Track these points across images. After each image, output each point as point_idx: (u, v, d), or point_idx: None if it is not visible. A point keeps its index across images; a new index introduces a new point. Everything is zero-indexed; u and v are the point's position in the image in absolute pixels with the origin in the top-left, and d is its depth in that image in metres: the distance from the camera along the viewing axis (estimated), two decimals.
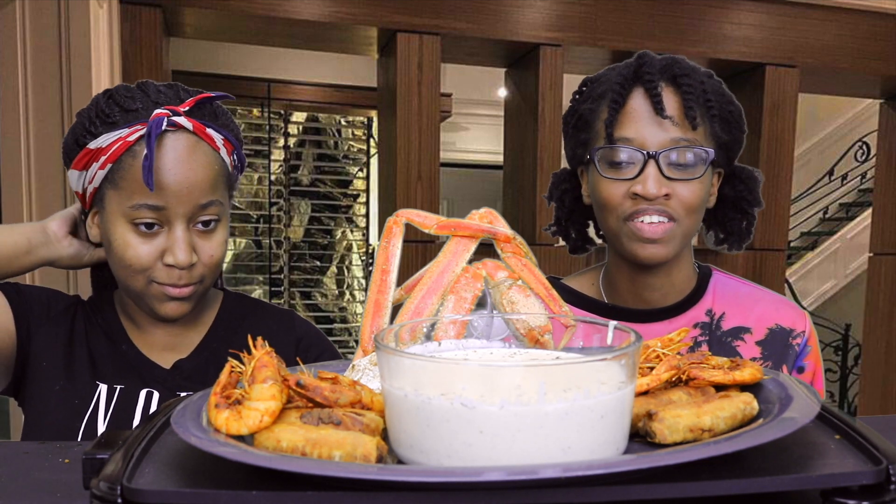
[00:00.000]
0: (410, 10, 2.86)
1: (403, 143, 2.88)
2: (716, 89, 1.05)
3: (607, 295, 1.15)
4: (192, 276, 0.98)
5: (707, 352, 0.62)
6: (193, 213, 0.97)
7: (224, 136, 1.00)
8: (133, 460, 0.48)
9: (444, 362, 0.50)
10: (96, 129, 0.97)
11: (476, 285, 0.67)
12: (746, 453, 0.46)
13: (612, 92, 1.04)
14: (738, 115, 1.07)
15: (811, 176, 6.48)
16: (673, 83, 1.03)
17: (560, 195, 1.19)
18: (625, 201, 1.03)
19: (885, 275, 3.74)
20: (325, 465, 0.45)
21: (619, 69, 1.06)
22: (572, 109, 1.12)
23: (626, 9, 3.09)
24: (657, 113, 1.01)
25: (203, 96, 0.98)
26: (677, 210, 1.02)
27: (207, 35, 3.19)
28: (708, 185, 1.06)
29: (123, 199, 0.95)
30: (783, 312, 1.12)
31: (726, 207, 1.13)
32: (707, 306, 1.12)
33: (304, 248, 5.16)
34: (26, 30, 2.14)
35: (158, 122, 0.92)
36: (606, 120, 1.03)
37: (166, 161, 0.94)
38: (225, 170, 1.01)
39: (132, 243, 0.96)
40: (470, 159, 6.18)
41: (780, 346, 1.10)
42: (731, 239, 1.15)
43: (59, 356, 1.03)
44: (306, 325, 1.15)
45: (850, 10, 3.32)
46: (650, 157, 1.01)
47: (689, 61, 1.07)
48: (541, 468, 0.43)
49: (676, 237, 1.04)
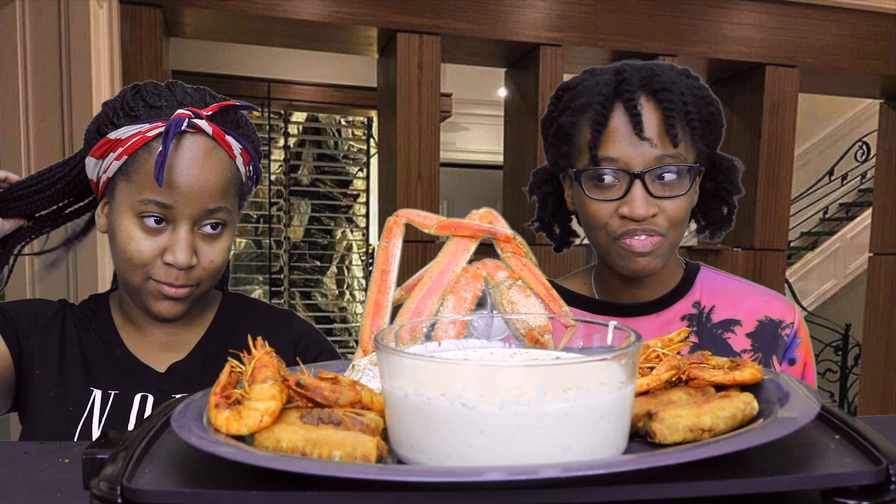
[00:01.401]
0: (410, 10, 2.87)
1: (403, 143, 2.88)
2: (694, 94, 1.04)
3: (599, 294, 1.17)
4: (189, 277, 0.98)
5: (707, 352, 0.62)
6: (200, 215, 0.97)
7: (243, 145, 1.00)
8: (133, 460, 0.48)
9: (444, 362, 0.50)
10: (118, 120, 0.97)
11: (476, 285, 0.67)
12: (746, 453, 0.46)
13: (592, 110, 1.03)
14: (717, 114, 1.07)
15: (811, 176, 6.48)
16: (653, 98, 1.02)
17: (543, 196, 1.21)
18: (612, 220, 1.04)
19: (885, 275, 3.74)
20: (325, 465, 0.45)
21: (599, 81, 1.05)
22: (551, 118, 1.12)
23: (626, 9, 3.09)
24: (637, 133, 1.00)
25: (227, 104, 0.98)
26: (664, 226, 1.04)
27: (207, 35, 3.19)
28: (693, 195, 1.07)
29: (134, 192, 0.96)
30: (772, 305, 1.14)
31: (707, 198, 1.14)
32: (695, 298, 1.14)
33: (304, 248, 5.16)
34: (26, 30, 2.14)
35: (179, 122, 0.93)
36: (590, 142, 1.03)
37: (180, 161, 0.94)
38: (238, 178, 1.00)
39: (135, 237, 0.96)
40: (470, 159, 6.18)
41: (769, 338, 1.12)
42: (713, 227, 1.16)
43: (51, 363, 1.02)
44: (305, 326, 1.15)
45: (850, 10, 3.32)
46: (635, 177, 1.01)
47: (667, 68, 1.05)
48: (541, 468, 0.43)
49: (665, 250, 1.06)
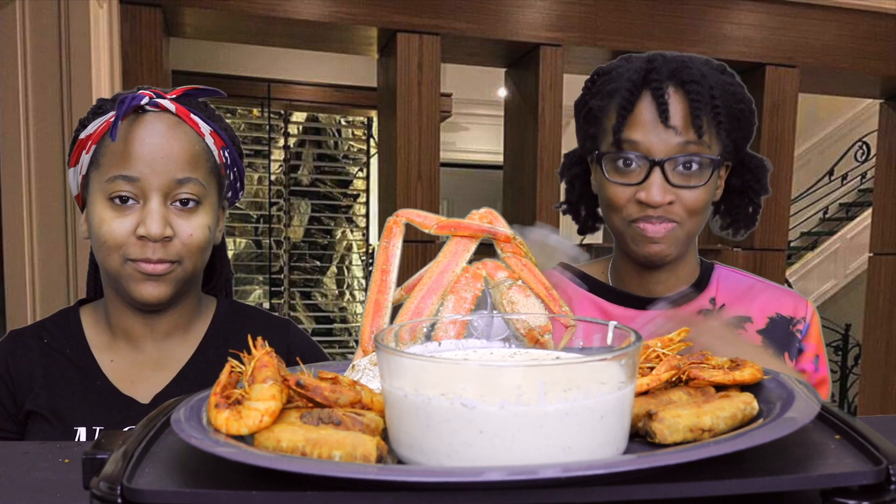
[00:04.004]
0: (410, 10, 2.86)
1: (403, 143, 2.88)
2: (725, 89, 1.05)
3: (615, 282, 1.18)
4: (167, 252, 0.94)
5: (707, 352, 0.62)
6: (169, 186, 0.94)
7: (213, 128, 0.99)
8: (133, 460, 0.48)
9: (444, 362, 0.50)
10: (88, 121, 0.98)
11: (476, 285, 0.66)
12: (746, 453, 0.46)
13: (620, 95, 1.04)
14: (748, 112, 1.08)
15: (811, 176, 6.48)
16: (681, 88, 1.02)
17: (571, 178, 1.21)
18: (629, 205, 1.04)
19: (885, 275, 3.74)
20: (325, 465, 0.45)
21: (631, 68, 1.06)
22: (583, 100, 1.13)
23: (626, 9, 3.09)
24: (662, 121, 1.01)
25: (192, 88, 0.98)
26: (680, 214, 1.04)
27: (207, 35, 3.19)
28: (713, 187, 1.07)
29: (102, 175, 0.94)
30: (783, 301, 1.14)
31: (733, 196, 1.14)
32: (711, 295, 1.15)
33: (304, 248, 5.16)
34: (26, 30, 2.14)
35: (137, 97, 0.92)
36: (615, 125, 1.04)
37: (143, 134, 0.93)
38: (209, 155, 0.98)
39: (106, 219, 0.94)
40: (470, 159, 6.18)
41: (781, 335, 1.12)
42: (736, 225, 1.17)
43: (41, 398, 0.98)
44: (299, 334, 1.11)
45: (850, 10, 3.32)
46: (655, 164, 1.02)
47: (700, 62, 1.06)
48: (541, 468, 0.43)
49: (679, 238, 1.06)
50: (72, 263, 2.15)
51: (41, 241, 2.13)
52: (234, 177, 1.05)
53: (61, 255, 2.15)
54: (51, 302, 2.14)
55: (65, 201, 2.13)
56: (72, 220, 2.13)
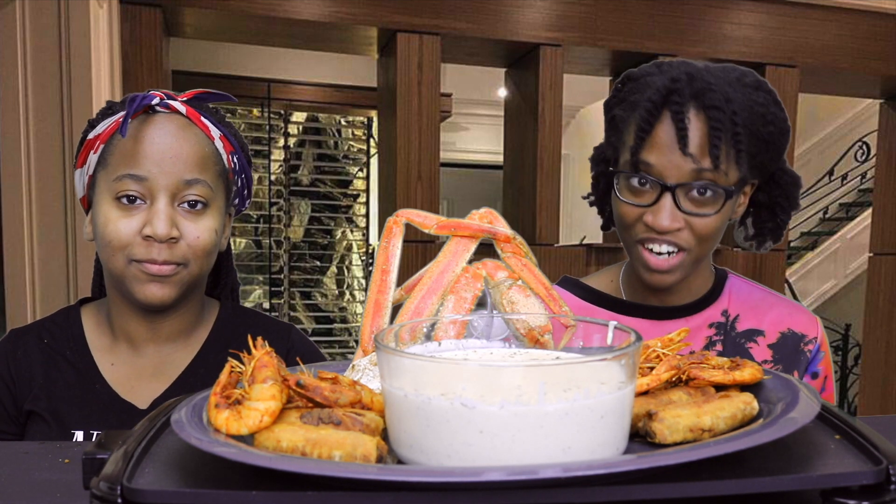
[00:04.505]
0: (410, 10, 2.86)
1: (403, 143, 2.88)
2: (752, 111, 1.00)
3: (627, 293, 1.16)
4: (173, 254, 0.93)
5: (707, 352, 0.62)
6: (177, 188, 0.93)
7: (223, 132, 0.99)
8: (133, 460, 0.48)
9: (444, 362, 0.50)
10: (97, 121, 0.98)
11: (476, 285, 0.66)
12: (746, 453, 0.46)
13: (639, 115, 1.01)
14: (776, 134, 1.03)
15: (811, 176, 6.47)
16: (703, 112, 0.98)
17: (597, 174, 1.18)
18: (637, 224, 1.03)
19: (885, 275, 3.74)
20: (325, 465, 0.45)
21: (656, 83, 1.01)
22: (610, 104, 1.10)
23: (626, 9, 3.09)
24: (680, 147, 0.98)
25: (203, 91, 0.98)
26: (689, 240, 1.02)
27: (207, 35, 3.19)
28: (727, 215, 1.04)
29: (110, 174, 0.94)
30: (796, 318, 1.13)
31: (759, 210, 1.12)
32: (723, 307, 1.13)
33: (304, 248, 5.16)
34: (26, 30, 2.14)
35: (149, 96, 0.93)
36: (632, 147, 1.01)
37: (153, 134, 0.93)
38: (218, 158, 0.98)
39: (112, 218, 0.93)
40: (470, 159, 6.18)
41: (791, 351, 1.11)
42: (761, 238, 1.14)
43: (40, 399, 0.98)
44: (300, 338, 1.10)
45: (850, 10, 3.32)
46: (667, 189, 0.99)
47: (728, 81, 1.00)
48: (541, 468, 0.43)
49: (685, 265, 1.04)
50: (72, 263, 2.15)
51: (41, 241, 2.13)
52: (242, 183, 1.05)
53: (61, 255, 2.15)
54: (51, 302, 2.14)
55: (65, 201, 2.13)
56: (72, 221, 2.13)
